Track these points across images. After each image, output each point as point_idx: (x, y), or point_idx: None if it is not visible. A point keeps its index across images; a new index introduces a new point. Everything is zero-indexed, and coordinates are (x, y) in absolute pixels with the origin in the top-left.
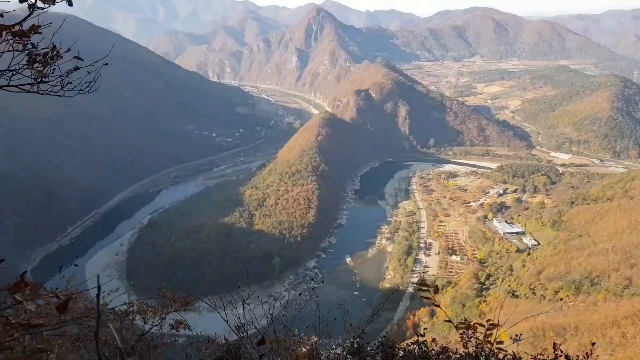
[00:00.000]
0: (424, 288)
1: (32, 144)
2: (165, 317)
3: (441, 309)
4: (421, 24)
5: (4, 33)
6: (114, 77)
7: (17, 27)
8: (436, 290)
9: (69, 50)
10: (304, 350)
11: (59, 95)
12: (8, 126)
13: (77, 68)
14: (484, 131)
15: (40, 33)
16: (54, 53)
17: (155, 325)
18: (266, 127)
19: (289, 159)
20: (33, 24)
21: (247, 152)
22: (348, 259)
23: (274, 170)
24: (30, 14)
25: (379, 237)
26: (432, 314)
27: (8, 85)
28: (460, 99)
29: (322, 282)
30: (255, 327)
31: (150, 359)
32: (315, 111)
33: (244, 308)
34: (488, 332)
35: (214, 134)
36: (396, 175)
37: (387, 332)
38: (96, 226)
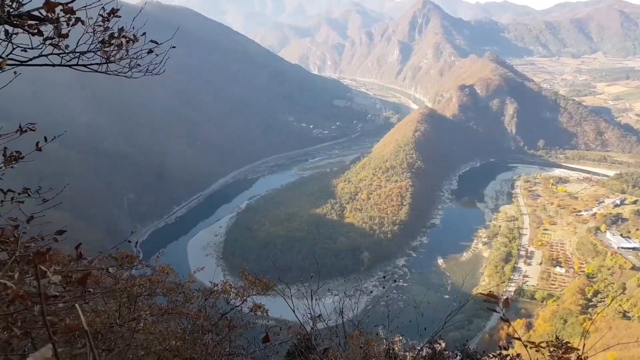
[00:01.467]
0: (490, 300)
1: (147, 128)
2: (246, 299)
3: (511, 325)
4: (537, 16)
5: (57, 9)
6: (223, 68)
7: (70, 5)
8: (506, 303)
9: (144, 34)
10: (376, 348)
11: (126, 76)
12: (127, 111)
13: (150, 51)
14: (602, 135)
15: (119, 17)
16: (129, 37)
17: (236, 307)
18: (363, 121)
19: (384, 154)
20: (112, 8)
21: (343, 145)
22: (440, 261)
23: (367, 165)
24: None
25: (475, 240)
26: (529, 326)
27: (77, 65)
28: (576, 99)
29: (394, 282)
30: (322, 322)
31: (230, 338)
32: (414, 106)
33: (311, 299)
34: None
35: (311, 126)
36: (499, 177)
37: (470, 341)
38: (199, 207)
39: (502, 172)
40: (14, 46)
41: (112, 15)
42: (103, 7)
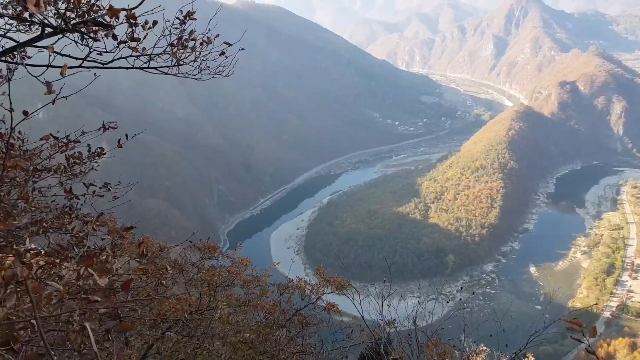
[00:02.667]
0: (575, 327)
1: (237, 122)
2: (320, 297)
3: (597, 357)
4: None
5: (120, 15)
6: (311, 65)
7: (132, 11)
8: (593, 333)
9: (217, 36)
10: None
11: (195, 78)
12: (219, 107)
13: (222, 53)
14: None
15: (194, 19)
16: (202, 39)
17: (310, 304)
18: (452, 118)
19: (473, 152)
20: (188, 11)
21: (429, 143)
22: (532, 269)
23: (455, 164)
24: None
25: (572, 249)
26: (633, 347)
27: (149, 68)
28: None
29: (473, 293)
30: (397, 326)
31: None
32: (508, 103)
33: (381, 305)
34: None
35: (396, 122)
36: (602, 182)
37: (564, 357)
38: (283, 200)
39: (607, 176)
40: (91, 49)
41: (188, 18)
42: (180, 10)
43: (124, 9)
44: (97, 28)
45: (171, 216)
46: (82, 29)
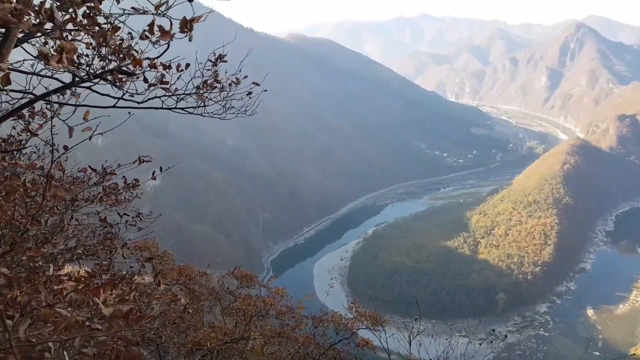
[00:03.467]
0: None
1: (285, 151)
2: (355, 332)
3: None
4: None
5: (139, 66)
6: (359, 96)
7: (157, 61)
8: None
9: (246, 77)
10: None
11: (219, 118)
12: (269, 135)
13: (249, 93)
14: None
15: (225, 62)
16: (232, 80)
17: (345, 339)
18: (503, 151)
19: (526, 186)
20: (220, 54)
21: (479, 175)
22: (590, 311)
23: (507, 198)
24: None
25: (634, 291)
26: None
27: (175, 108)
28: None
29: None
30: None
31: None
32: (563, 136)
33: (410, 342)
34: None
35: (445, 154)
36: None
37: None
38: (327, 230)
39: None
40: (124, 92)
41: (219, 61)
42: (214, 52)
43: (148, 58)
44: (122, 76)
45: (217, 242)
46: (109, 77)
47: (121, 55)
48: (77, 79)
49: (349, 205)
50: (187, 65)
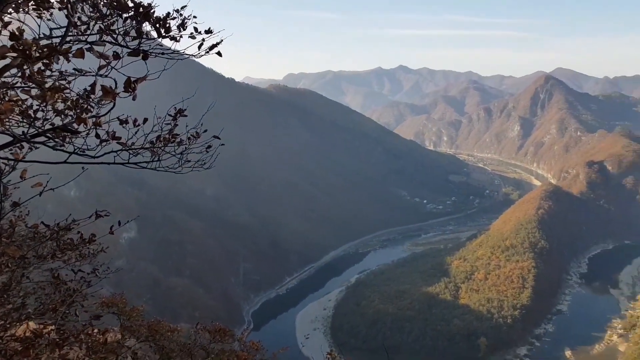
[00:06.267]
0: None
1: (267, 199)
2: None
3: None
4: None
5: (87, 123)
6: (341, 145)
7: (101, 119)
8: None
9: (205, 131)
10: None
11: (174, 172)
12: (251, 184)
13: (208, 147)
14: None
15: (185, 116)
16: (191, 134)
17: None
18: (480, 197)
19: (503, 231)
20: (179, 109)
21: (458, 221)
22: (568, 352)
23: (485, 243)
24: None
25: (608, 331)
26: None
27: (128, 163)
28: None
29: None
30: None
31: None
32: (537, 182)
33: None
34: None
35: (424, 201)
36: (635, 262)
37: None
38: (310, 279)
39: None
40: (75, 148)
41: (179, 115)
42: (174, 106)
43: (93, 116)
44: (66, 134)
45: (195, 295)
46: (50, 135)
47: (70, 113)
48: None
49: (332, 254)
50: (145, 120)
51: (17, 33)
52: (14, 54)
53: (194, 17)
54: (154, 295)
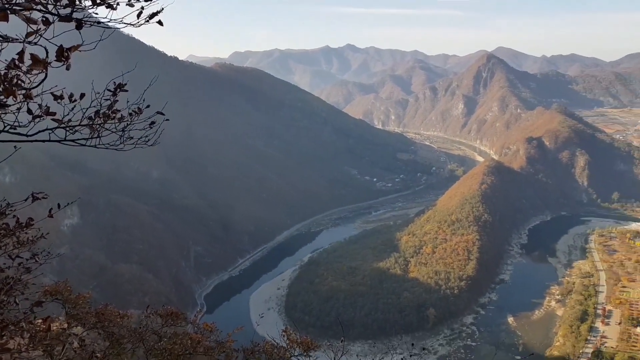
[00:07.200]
0: None
1: (218, 182)
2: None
3: None
4: (606, 68)
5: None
6: (291, 124)
7: (32, 91)
8: None
9: (148, 106)
10: None
11: (116, 149)
12: (199, 166)
13: (152, 123)
14: None
15: (126, 91)
16: (134, 110)
17: None
18: (427, 174)
19: (449, 206)
20: (119, 83)
21: (406, 198)
22: (510, 319)
23: (432, 218)
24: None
25: (547, 298)
26: None
27: (65, 140)
28: None
29: (423, 349)
30: None
31: None
32: (480, 159)
33: None
34: None
35: (374, 179)
36: (571, 231)
37: None
38: (263, 260)
39: (575, 226)
40: (5, 125)
41: (119, 90)
42: (113, 81)
43: (24, 88)
44: None
45: (145, 281)
46: None
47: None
48: None
49: (285, 234)
50: (82, 95)
51: None
52: None
53: None
54: (100, 283)
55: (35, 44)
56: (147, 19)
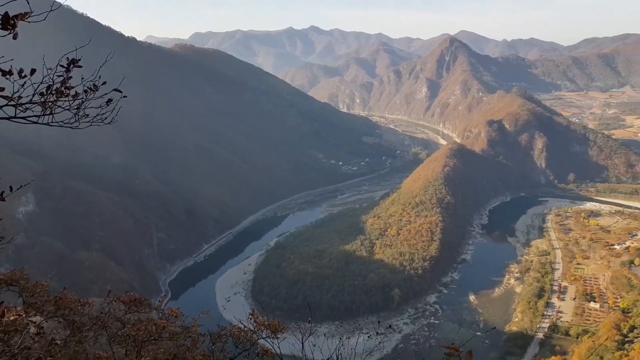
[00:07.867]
0: (453, 353)
1: (180, 167)
2: (255, 342)
3: None
4: (564, 52)
5: None
6: (254, 107)
7: None
8: (469, 356)
9: (105, 83)
10: None
11: (71, 127)
12: (160, 151)
13: (109, 100)
14: (633, 167)
15: (80, 67)
16: (89, 86)
17: (245, 351)
18: (392, 157)
19: (413, 189)
20: (73, 58)
21: (372, 181)
22: (472, 297)
23: (397, 200)
24: None
25: (506, 276)
26: None
27: (15, 117)
28: (605, 132)
29: (390, 326)
30: None
31: None
32: (443, 142)
33: (302, 345)
34: None
35: (340, 163)
36: (529, 211)
37: None
38: (228, 245)
39: (533, 206)
40: None
41: (72, 66)
42: (66, 56)
43: None
44: None
45: (106, 268)
46: None
47: None
48: None
49: (250, 218)
50: (33, 70)
51: None
52: None
53: None
54: (60, 271)
55: None
56: None
